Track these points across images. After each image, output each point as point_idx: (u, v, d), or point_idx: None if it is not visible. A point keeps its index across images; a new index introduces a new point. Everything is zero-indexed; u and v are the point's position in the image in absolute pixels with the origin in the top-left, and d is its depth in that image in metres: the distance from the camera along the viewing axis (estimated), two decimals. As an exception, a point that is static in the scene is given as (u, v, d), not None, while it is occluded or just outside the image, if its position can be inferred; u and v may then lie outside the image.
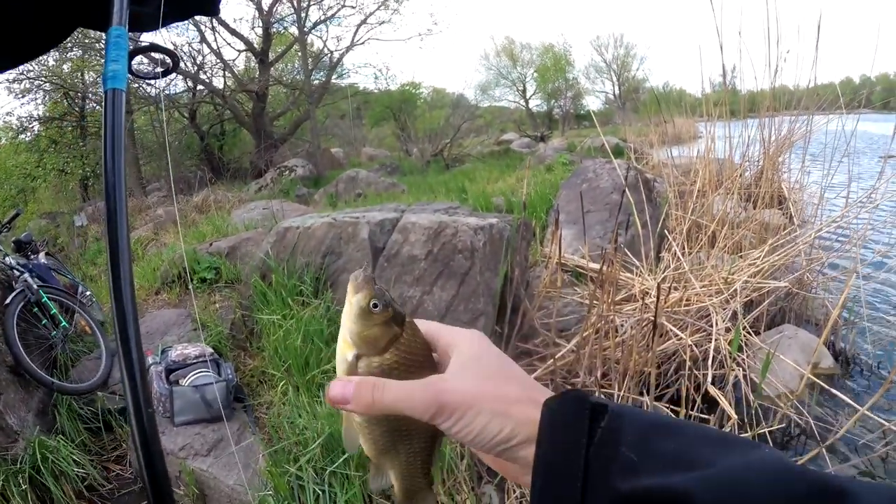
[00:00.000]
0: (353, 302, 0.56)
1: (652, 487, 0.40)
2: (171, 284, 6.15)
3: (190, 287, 5.78)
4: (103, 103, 0.49)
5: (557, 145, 18.59)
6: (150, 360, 3.99)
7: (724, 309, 3.79)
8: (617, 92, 44.14)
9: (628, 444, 0.43)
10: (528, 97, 42.31)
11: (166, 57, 0.64)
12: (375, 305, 0.55)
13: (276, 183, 14.30)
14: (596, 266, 4.20)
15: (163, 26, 0.59)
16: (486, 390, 0.52)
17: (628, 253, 4.66)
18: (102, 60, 0.59)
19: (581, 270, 5.06)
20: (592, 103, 45.01)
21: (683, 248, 4.80)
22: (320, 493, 2.68)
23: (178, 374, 3.77)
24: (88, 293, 5.35)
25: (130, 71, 0.56)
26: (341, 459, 2.73)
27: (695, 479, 0.39)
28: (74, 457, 3.57)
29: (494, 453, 0.51)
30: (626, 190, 4.57)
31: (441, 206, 4.82)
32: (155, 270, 6.62)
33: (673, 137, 8.67)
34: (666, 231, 5.17)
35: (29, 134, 17.25)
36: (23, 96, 16.96)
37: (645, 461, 0.41)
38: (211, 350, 4.05)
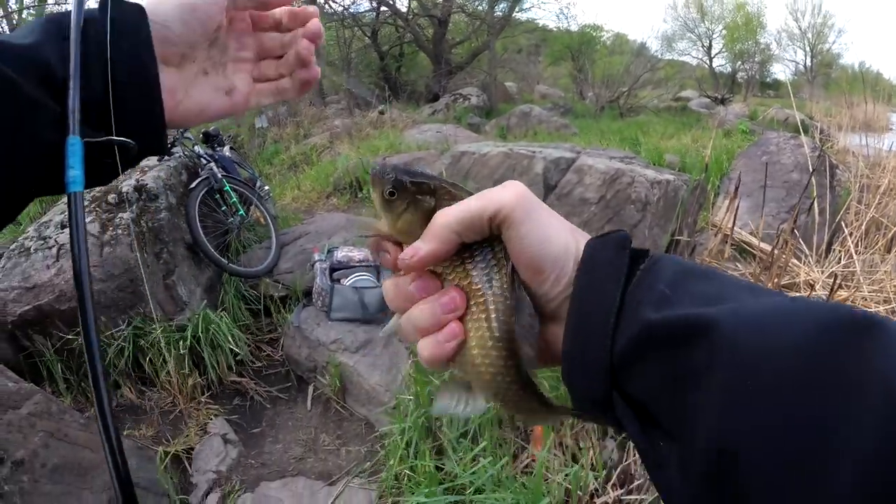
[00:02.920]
0: (374, 201, 0.53)
1: (679, 315, 0.40)
2: (342, 191, 6.44)
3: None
4: (67, 206, 0.52)
5: (738, 111, 17.23)
6: (315, 256, 4.22)
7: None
8: (808, 64, 40.12)
9: (665, 282, 0.43)
10: (712, 55, 39.54)
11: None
12: (392, 193, 0.51)
13: (450, 109, 14.38)
14: (766, 246, 3.94)
15: (122, 172, 0.59)
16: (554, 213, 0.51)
17: (799, 238, 4.34)
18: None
19: (748, 247, 4.76)
20: (780, 72, 41.26)
21: (858, 246, 4.37)
22: (458, 408, 2.74)
23: (341, 274, 3.98)
24: (266, 188, 5.70)
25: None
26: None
27: (722, 309, 0.39)
28: (233, 333, 3.88)
29: (547, 288, 0.48)
30: (813, 172, 4.20)
31: (617, 154, 4.69)
32: (328, 176, 6.95)
33: (863, 124, 7.94)
34: (843, 224, 4.72)
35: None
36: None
37: (679, 297, 0.42)
38: (375, 257, 4.21)
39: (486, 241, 0.50)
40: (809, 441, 0.33)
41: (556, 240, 0.48)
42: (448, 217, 0.48)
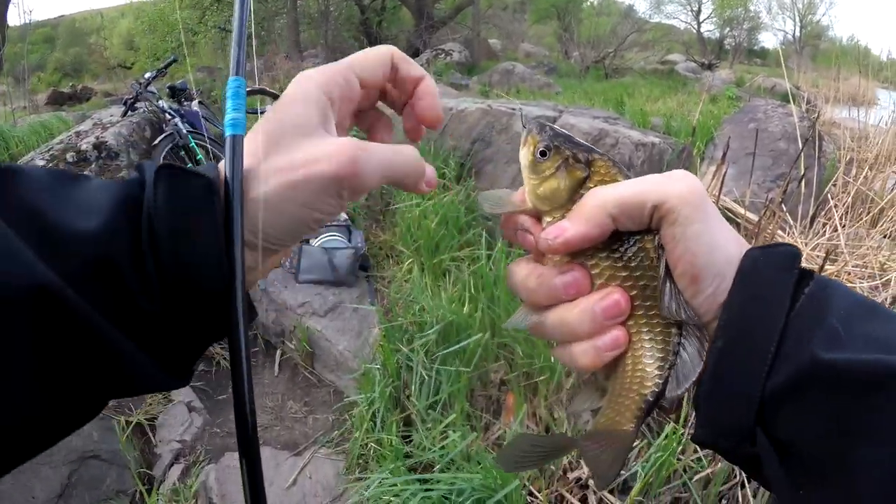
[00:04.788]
0: (521, 161, 0.47)
1: (858, 359, 0.35)
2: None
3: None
4: (226, 149, 0.43)
5: (725, 77, 17.23)
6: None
7: (872, 296, 3.37)
8: (797, 34, 39.95)
9: (837, 316, 0.38)
10: (701, 20, 39.19)
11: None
12: (543, 153, 0.45)
13: (431, 64, 14.16)
14: (752, 216, 3.88)
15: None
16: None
17: (784, 209, 4.27)
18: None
19: (732, 215, 4.67)
20: (768, 40, 41.12)
21: (843, 220, 4.31)
22: (426, 378, 2.64)
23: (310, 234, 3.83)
24: (236, 145, 5.50)
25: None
26: (454, 348, 2.65)
27: None
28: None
29: (700, 303, 0.42)
30: (804, 142, 4.11)
31: (600, 114, 4.56)
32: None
33: (848, 97, 7.97)
34: (829, 196, 4.66)
35: (194, -10, 17.78)
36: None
37: (851, 337, 0.37)
38: (345, 216, 4.07)
39: (638, 237, 0.44)
40: None
41: (725, 249, 0.42)
42: (605, 197, 0.43)
